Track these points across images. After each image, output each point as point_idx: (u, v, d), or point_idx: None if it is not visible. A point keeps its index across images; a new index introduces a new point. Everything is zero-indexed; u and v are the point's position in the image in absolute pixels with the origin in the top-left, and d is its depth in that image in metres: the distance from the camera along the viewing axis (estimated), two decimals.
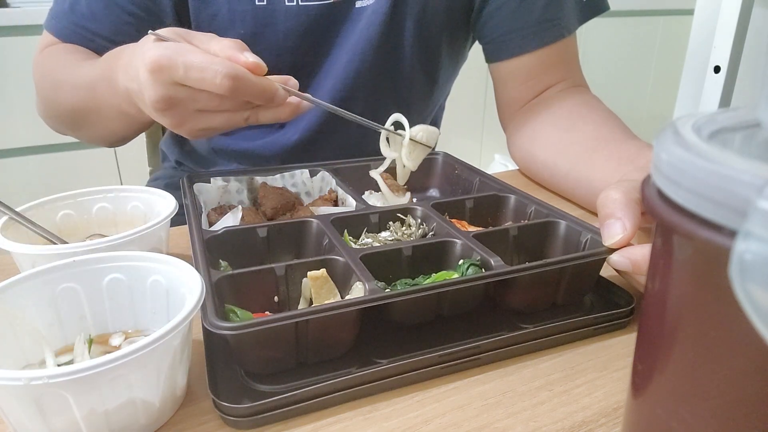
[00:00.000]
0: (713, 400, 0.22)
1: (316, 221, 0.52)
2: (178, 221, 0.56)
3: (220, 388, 0.38)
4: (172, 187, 0.86)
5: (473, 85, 2.02)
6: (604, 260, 0.45)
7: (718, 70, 1.72)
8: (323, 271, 0.44)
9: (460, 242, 0.48)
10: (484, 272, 0.43)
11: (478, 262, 0.45)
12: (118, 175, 1.69)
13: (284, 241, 0.52)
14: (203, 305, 0.37)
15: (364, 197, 0.61)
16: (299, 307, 0.45)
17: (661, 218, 0.22)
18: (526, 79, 0.80)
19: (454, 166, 0.71)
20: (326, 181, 0.66)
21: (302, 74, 0.76)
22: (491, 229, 0.53)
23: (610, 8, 0.82)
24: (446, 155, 0.73)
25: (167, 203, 0.53)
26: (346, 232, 0.53)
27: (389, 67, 0.77)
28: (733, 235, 0.18)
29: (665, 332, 0.23)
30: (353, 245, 0.51)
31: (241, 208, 0.59)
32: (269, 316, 0.37)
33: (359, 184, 0.66)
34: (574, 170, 0.68)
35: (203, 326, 0.38)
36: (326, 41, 0.75)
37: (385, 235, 0.54)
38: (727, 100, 1.74)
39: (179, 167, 0.93)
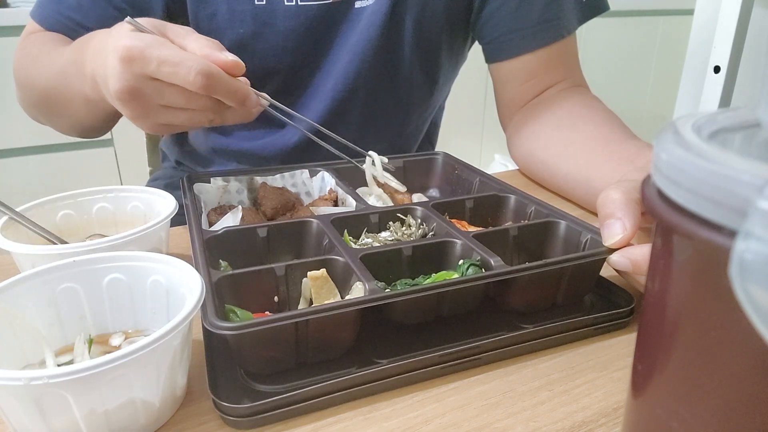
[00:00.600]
0: (713, 400, 0.22)
1: (316, 221, 0.52)
2: (178, 221, 0.56)
3: (220, 388, 0.38)
4: (172, 187, 0.86)
5: (473, 85, 2.02)
6: (604, 260, 0.45)
7: (718, 70, 1.72)
8: (323, 271, 0.44)
9: (460, 242, 0.48)
10: (484, 272, 0.43)
11: (478, 262, 0.45)
12: (118, 175, 1.69)
13: (284, 241, 0.52)
14: (203, 305, 0.37)
15: (359, 191, 0.62)
16: (299, 307, 0.45)
17: (661, 218, 0.22)
18: (526, 79, 0.80)
19: (454, 166, 0.71)
20: (326, 181, 0.66)
21: (302, 74, 0.76)
22: (491, 229, 0.53)
23: (610, 8, 0.82)
24: (446, 155, 0.73)
25: (167, 203, 0.53)
26: (346, 232, 0.53)
27: (389, 67, 0.77)
28: (733, 235, 0.18)
29: (665, 332, 0.23)
30: (353, 245, 0.51)
31: (241, 208, 0.59)
32: (269, 316, 0.37)
33: (359, 184, 0.66)
34: (573, 170, 0.68)
35: (203, 326, 0.38)
36: (326, 41, 0.75)
37: (385, 235, 0.54)
38: (727, 100, 1.74)
39: (179, 167, 0.93)
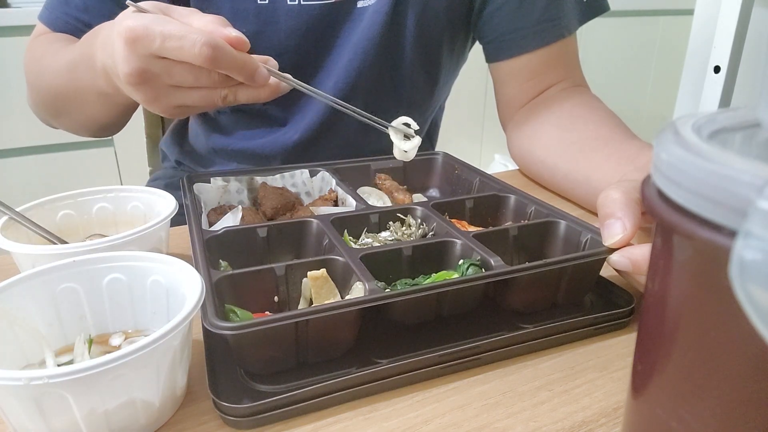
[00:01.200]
0: (713, 400, 0.22)
1: (316, 221, 0.52)
2: (178, 221, 0.56)
3: (220, 388, 0.38)
4: (172, 187, 0.85)
5: (473, 85, 2.02)
6: (604, 260, 0.45)
7: (718, 70, 1.71)
8: (323, 271, 0.44)
9: (460, 242, 0.48)
10: (484, 272, 0.43)
11: (478, 262, 0.45)
12: (118, 175, 1.69)
13: (284, 241, 0.52)
14: (203, 305, 0.37)
15: (359, 191, 0.62)
16: (299, 307, 0.45)
17: (661, 218, 0.22)
18: (526, 78, 0.80)
19: (454, 166, 0.71)
20: (326, 181, 0.66)
21: (304, 73, 0.76)
22: (491, 229, 0.53)
23: (610, 9, 0.82)
24: (446, 155, 0.73)
25: (167, 203, 0.53)
26: (346, 232, 0.53)
27: (390, 66, 0.77)
28: (733, 235, 0.18)
29: (665, 332, 0.23)
30: (353, 245, 0.51)
31: (241, 208, 0.59)
32: (269, 316, 0.37)
33: (359, 184, 0.66)
34: (574, 170, 0.68)
35: (203, 326, 0.38)
36: (328, 41, 0.75)
37: (385, 235, 0.54)
38: (727, 100, 1.74)
39: (179, 167, 0.93)
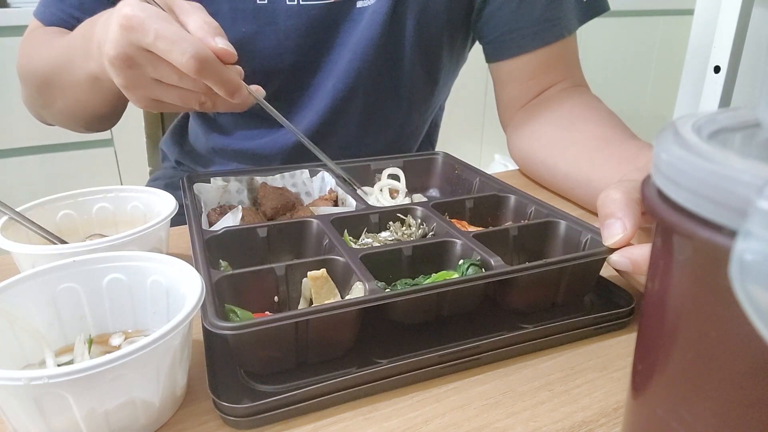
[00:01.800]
0: (713, 400, 0.22)
1: (316, 221, 0.52)
2: (178, 221, 0.56)
3: (220, 388, 0.38)
4: (172, 187, 0.86)
5: (473, 85, 2.02)
6: (604, 260, 0.45)
7: (718, 70, 1.71)
8: (323, 271, 0.44)
9: (460, 242, 0.48)
10: (484, 272, 0.43)
11: (478, 262, 0.45)
12: (118, 175, 1.69)
13: (284, 241, 0.52)
14: (203, 305, 0.37)
15: (359, 192, 0.62)
16: (299, 307, 0.45)
17: (661, 218, 0.22)
18: (526, 78, 0.80)
19: (454, 166, 0.71)
20: (326, 181, 0.66)
21: (303, 73, 0.76)
22: (491, 229, 0.53)
23: (610, 9, 0.82)
24: (446, 155, 0.73)
25: (167, 203, 0.53)
26: (346, 232, 0.53)
27: (390, 67, 0.77)
28: (733, 235, 0.18)
29: (665, 332, 0.23)
30: (353, 245, 0.51)
31: (241, 208, 0.59)
32: (269, 316, 0.37)
33: (359, 184, 0.66)
34: (574, 170, 0.68)
35: (203, 326, 0.38)
36: (327, 41, 0.75)
37: (385, 235, 0.54)
38: (727, 100, 1.74)
39: (179, 167, 0.93)
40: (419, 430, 0.36)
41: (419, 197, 0.68)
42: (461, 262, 0.46)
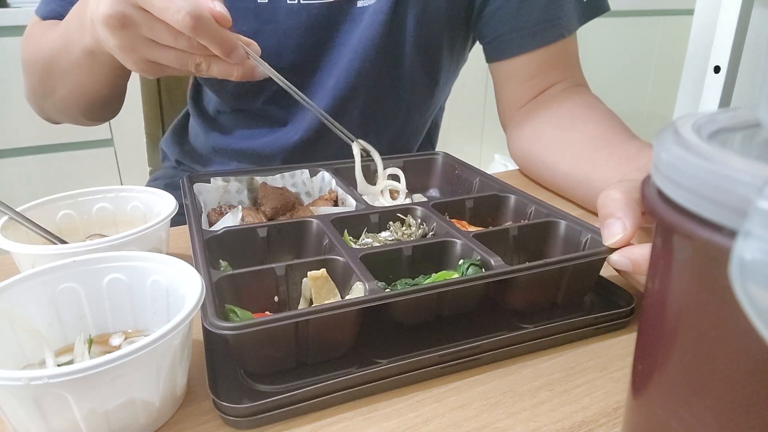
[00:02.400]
0: (713, 400, 0.22)
1: (316, 221, 0.52)
2: (178, 221, 0.56)
3: (220, 388, 0.38)
4: (172, 187, 0.86)
5: (473, 85, 2.02)
6: (604, 260, 0.45)
7: (718, 70, 1.71)
8: (323, 271, 0.44)
9: (460, 242, 0.48)
10: (484, 272, 0.43)
11: (478, 262, 0.45)
12: (118, 175, 1.69)
13: (284, 241, 0.52)
14: (203, 305, 0.37)
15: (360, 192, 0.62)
16: (299, 307, 0.45)
17: (661, 218, 0.22)
18: (526, 78, 0.80)
19: (454, 166, 0.71)
20: (326, 181, 0.66)
21: (303, 73, 0.76)
22: (491, 229, 0.53)
23: (610, 9, 0.82)
24: (446, 155, 0.73)
25: (167, 203, 0.53)
26: (346, 232, 0.53)
27: (390, 66, 0.77)
28: (733, 235, 0.18)
29: (665, 332, 0.23)
30: (353, 245, 0.51)
31: (241, 208, 0.59)
32: (269, 316, 0.37)
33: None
34: (574, 170, 0.68)
35: (203, 326, 0.38)
36: (328, 40, 0.75)
37: (385, 235, 0.54)
38: (727, 100, 1.74)
39: (179, 167, 0.93)
40: (419, 430, 0.36)
41: (419, 197, 0.68)
42: (461, 262, 0.46)
